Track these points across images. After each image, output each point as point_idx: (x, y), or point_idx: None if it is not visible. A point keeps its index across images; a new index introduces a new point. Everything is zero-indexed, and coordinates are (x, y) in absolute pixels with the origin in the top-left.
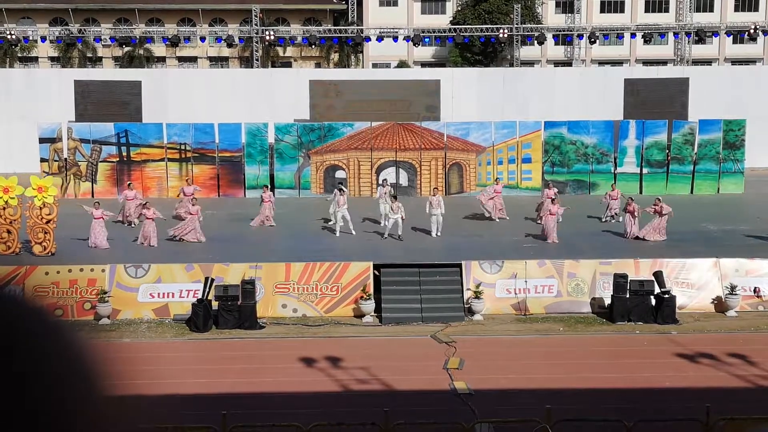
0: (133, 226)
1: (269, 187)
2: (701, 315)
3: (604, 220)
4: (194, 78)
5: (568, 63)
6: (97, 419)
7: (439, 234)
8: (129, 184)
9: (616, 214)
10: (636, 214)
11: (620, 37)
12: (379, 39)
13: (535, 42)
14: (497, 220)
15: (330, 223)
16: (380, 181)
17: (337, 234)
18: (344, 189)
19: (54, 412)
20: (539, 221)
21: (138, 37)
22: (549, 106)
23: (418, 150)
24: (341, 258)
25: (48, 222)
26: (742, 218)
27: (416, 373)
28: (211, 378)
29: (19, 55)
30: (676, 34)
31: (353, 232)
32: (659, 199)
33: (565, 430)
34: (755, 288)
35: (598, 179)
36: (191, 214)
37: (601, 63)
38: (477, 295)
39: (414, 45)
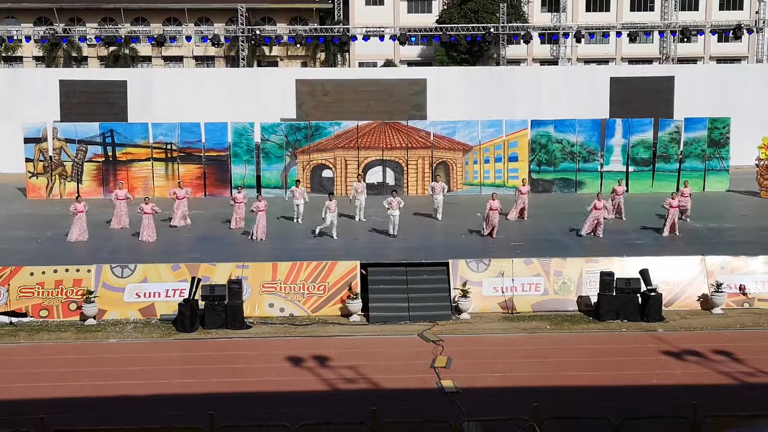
0: (127, 227)
1: (242, 187)
2: (687, 312)
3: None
4: (180, 77)
5: (554, 62)
6: None
7: (440, 218)
8: (120, 184)
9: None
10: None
11: (606, 35)
12: (366, 38)
13: (521, 41)
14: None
15: (313, 227)
16: (358, 178)
17: (334, 237)
18: (333, 194)
19: None
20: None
21: (123, 36)
22: (535, 105)
23: (404, 149)
24: (328, 257)
25: None
26: (728, 216)
27: (403, 372)
28: (197, 378)
29: (4, 54)
30: (661, 33)
31: (335, 237)
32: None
33: (553, 427)
34: (741, 285)
35: (584, 178)
36: (146, 213)
37: (587, 61)
38: (464, 293)
39: (400, 44)
